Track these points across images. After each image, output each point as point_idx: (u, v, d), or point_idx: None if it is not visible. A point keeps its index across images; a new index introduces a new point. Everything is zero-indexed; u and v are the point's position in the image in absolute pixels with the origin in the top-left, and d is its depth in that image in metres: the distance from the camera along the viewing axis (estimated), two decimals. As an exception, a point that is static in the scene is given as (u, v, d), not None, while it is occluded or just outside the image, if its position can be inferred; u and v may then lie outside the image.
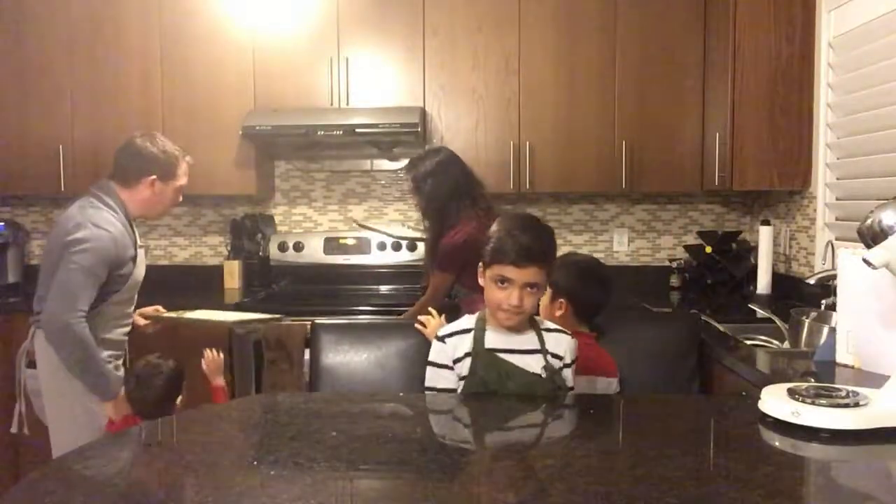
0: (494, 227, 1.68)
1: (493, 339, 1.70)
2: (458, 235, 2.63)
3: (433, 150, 2.88)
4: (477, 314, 1.76)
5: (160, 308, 2.58)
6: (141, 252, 2.39)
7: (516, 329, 1.71)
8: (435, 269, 2.70)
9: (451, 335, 1.74)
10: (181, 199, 2.50)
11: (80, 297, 2.15)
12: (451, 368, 1.72)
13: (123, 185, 2.34)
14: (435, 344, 1.77)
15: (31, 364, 2.32)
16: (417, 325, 2.09)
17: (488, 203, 2.80)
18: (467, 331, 1.72)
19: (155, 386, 2.24)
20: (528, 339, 1.71)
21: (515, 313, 1.64)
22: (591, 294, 2.10)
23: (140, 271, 2.39)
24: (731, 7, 2.96)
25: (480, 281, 1.70)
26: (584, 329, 2.08)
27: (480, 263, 1.69)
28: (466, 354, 1.69)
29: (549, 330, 1.75)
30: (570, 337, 1.76)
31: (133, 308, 2.44)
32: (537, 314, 1.86)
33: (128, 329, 2.42)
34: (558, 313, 2.03)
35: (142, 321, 2.50)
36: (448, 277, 2.68)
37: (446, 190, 2.71)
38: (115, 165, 2.37)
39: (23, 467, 3.13)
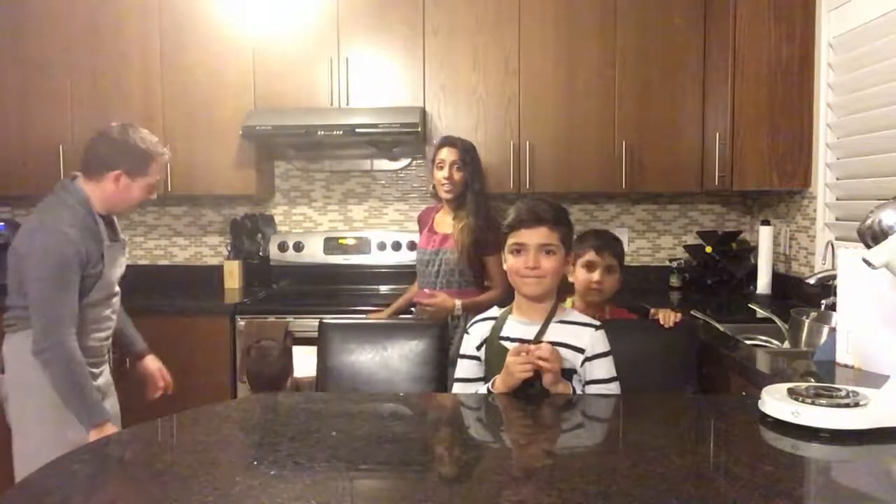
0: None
1: (509, 328, 1.74)
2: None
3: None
4: (510, 306, 1.79)
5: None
6: (115, 249, 2.21)
7: (539, 303, 1.72)
8: (494, 252, 2.45)
9: (475, 323, 1.81)
10: (155, 196, 2.30)
11: (63, 314, 2.02)
12: (475, 358, 1.77)
13: (87, 178, 2.16)
14: (464, 336, 1.83)
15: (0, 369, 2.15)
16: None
17: None
18: (492, 318, 1.78)
19: None
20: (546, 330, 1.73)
21: (535, 277, 1.68)
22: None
23: (114, 272, 2.21)
24: (731, 7, 2.96)
25: (504, 265, 1.76)
26: None
27: (504, 248, 1.75)
28: (483, 341, 1.75)
29: (568, 322, 1.74)
30: (594, 329, 1.75)
31: (112, 311, 2.25)
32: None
33: (107, 334, 2.25)
34: (618, 286, 2.26)
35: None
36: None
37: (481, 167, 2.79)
38: (83, 156, 2.19)
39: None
